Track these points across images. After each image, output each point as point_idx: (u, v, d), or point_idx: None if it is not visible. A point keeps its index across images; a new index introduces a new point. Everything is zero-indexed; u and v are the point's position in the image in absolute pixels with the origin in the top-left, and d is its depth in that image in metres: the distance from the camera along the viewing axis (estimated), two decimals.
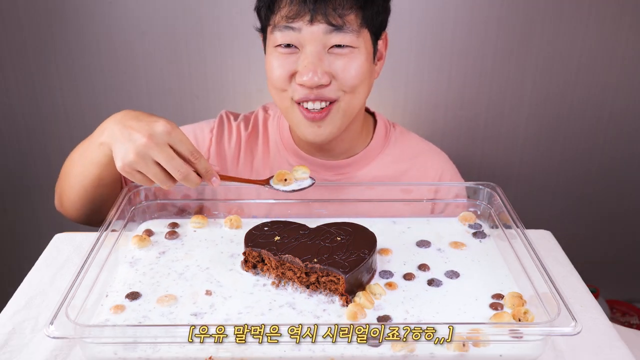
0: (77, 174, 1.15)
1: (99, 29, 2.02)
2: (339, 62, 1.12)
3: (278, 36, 1.12)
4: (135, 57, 2.07)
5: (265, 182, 1.09)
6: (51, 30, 2.02)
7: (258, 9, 1.17)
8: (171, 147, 0.98)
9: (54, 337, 0.77)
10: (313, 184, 1.10)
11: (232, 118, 1.36)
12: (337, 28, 1.09)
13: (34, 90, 2.12)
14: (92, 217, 1.22)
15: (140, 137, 0.96)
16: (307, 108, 1.16)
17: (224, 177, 1.05)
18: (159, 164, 0.98)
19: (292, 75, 1.14)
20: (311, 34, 1.10)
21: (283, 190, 1.08)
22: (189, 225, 1.12)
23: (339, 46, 1.12)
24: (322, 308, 0.90)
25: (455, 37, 2.04)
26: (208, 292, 0.94)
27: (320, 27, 1.09)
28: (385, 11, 1.19)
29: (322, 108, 1.15)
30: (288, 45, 1.13)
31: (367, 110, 1.36)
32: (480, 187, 1.15)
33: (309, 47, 1.11)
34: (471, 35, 2.04)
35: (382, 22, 1.18)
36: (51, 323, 0.78)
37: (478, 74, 2.10)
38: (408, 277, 0.97)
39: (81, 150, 1.15)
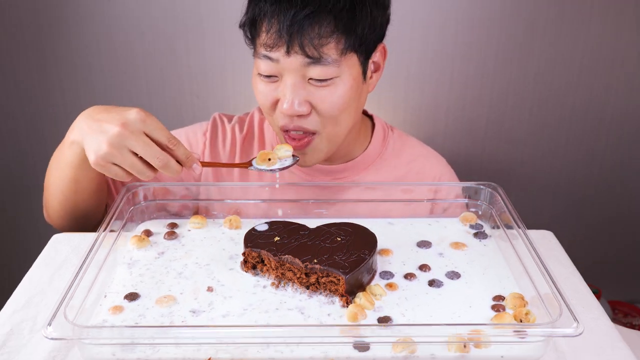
0: (55, 179, 1.13)
1: (99, 29, 2.02)
2: (319, 93, 1.10)
3: (260, 64, 1.10)
4: (135, 57, 2.06)
5: (248, 164, 1.07)
6: (51, 30, 2.02)
7: (242, 27, 1.15)
8: (147, 135, 0.95)
9: (52, 338, 0.76)
10: (297, 161, 1.09)
11: (225, 120, 1.34)
12: (315, 60, 1.06)
13: (33, 90, 2.11)
14: (78, 229, 1.20)
15: (112, 127, 0.93)
16: (290, 135, 1.15)
17: (205, 164, 1.03)
18: (135, 154, 0.95)
19: (276, 103, 1.13)
20: (289, 64, 1.07)
21: (267, 170, 1.06)
22: (188, 226, 1.12)
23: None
24: (323, 309, 0.89)
25: (457, 37, 2.04)
26: (209, 289, 0.94)
27: (297, 59, 1.06)
28: (378, 28, 1.13)
29: (303, 133, 1.14)
30: (269, 75, 1.11)
31: (365, 113, 1.35)
32: (482, 187, 1.15)
33: (288, 78, 1.09)
34: (473, 36, 2.03)
35: (375, 40, 1.14)
36: (49, 324, 0.77)
37: (480, 75, 2.09)
38: (409, 276, 0.97)
39: (56, 153, 1.12)
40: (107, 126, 0.94)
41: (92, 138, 0.95)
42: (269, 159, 1.07)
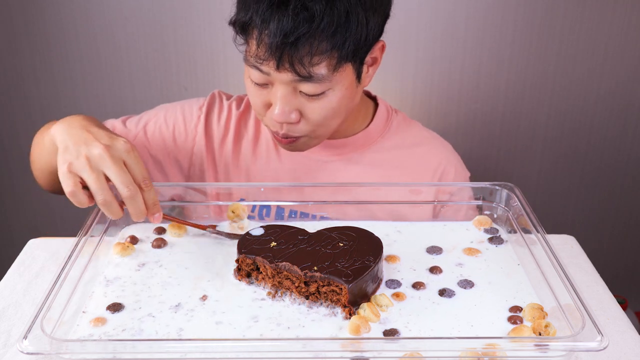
0: (35, 155, 1.24)
1: (76, 13, 2.02)
2: (310, 104, 1.15)
3: (250, 71, 1.14)
4: (117, 44, 2.07)
5: (210, 226, 1.12)
6: (23, 13, 2.02)
7: (232, 25, 1.16)
8: (126, 166, 0.98)
9: (28, 353, 0.77)
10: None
11: (224, 97, 1.41)
12: (305, 78, 1.10)
13: (5, 80, 2.12)
14: (60, 193, 1.26)
15: (97, 145, 0.97)
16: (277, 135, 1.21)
17: (166, 217, 1.06)
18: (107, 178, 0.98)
19: (268, 106, 1.18)
20: (279, 78, 1.11)
21: (225, 233, 1.11)
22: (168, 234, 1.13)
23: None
24: (324, 322, 0.90)
25: (469, 21, 2.04)
26: (204, 297, 0.95)
27: (287, 75, 1.10)
28: (376, 31, 1.15)
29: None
30: (260, 84, 1.15)
31: (369, 95, 1.39)
32: (497, 187, 1.15)
33: (279, 88, 1.13)
34: (487, 20, 2.04)
35: (371, 42, 1.16)
36: (25, 337, 0.78)
37: (494, 62, 2.10)
38: (417, 286, 0.97)
39: (42, 132, 1.22)
40: (93, 142, 0.98)
41: (72, 146, 0.99)
42: (233, 211, 1.15)
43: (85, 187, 0.98)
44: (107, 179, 0.97)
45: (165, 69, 2.09)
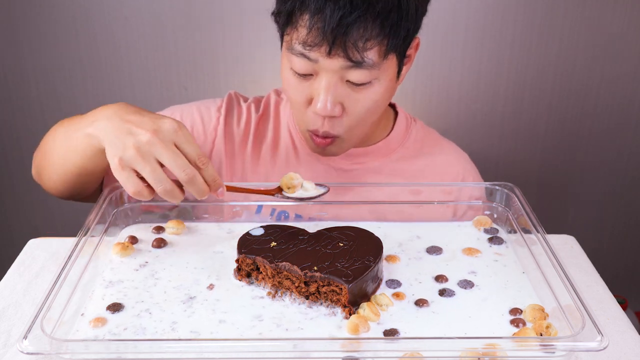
0: (59, 158, 1.15)
1: (76, 13, 2.02)
2: (354, 95, 1.13)
3: (294, 61, 1.12)
4: (117, 44, 2.07)
5: (277, 190, 1.09)
6: (23, 13, 2.02)
7: (275, 17, 1.15)
8: (177, 147, 0.96)
9: (27, 353, 0.77)
10: (327, 191, 1.09)
11: (241, 99, 1.39)
12: (356, 64, 1.08)
13: (5, 81, 2.11)
14: (73, 197, 1.25)
15: (143, 132, 0.95)
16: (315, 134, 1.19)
17: (229, 188, 1.04)
18: (160, 165, 0.96)
19: (309, 100, 1.15)
20: (328, 65, 1.09)
21: (296, 198, 1.07)
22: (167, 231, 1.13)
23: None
24: (324, 321, 0.90)
25: (469, 22, 2.04)
26: (211, 286, 0.96)
27: (338, 61, 1.08)
28: (419, 23, 1.16)
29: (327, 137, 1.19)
30: (304, 74, 1.13)
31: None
32: (497, 187, 1.15)
33: (324, 77, 1.11)
34: (487, 20, 2.04)
35: (413, 36, 1.16)
36: (25, 337, 0.78)
37: (494, 63, 2.10)
38: (421, 303, 0.95)
39: (67, 133, 1.14)
40: (137, 130, 0.96)
41: (117, 139, 0.97)
42: (288, 188, 1.09)
43: (140, 176, 0.96)
44: (161, 164, 0.95)
45: (165, 69, 2.09)
